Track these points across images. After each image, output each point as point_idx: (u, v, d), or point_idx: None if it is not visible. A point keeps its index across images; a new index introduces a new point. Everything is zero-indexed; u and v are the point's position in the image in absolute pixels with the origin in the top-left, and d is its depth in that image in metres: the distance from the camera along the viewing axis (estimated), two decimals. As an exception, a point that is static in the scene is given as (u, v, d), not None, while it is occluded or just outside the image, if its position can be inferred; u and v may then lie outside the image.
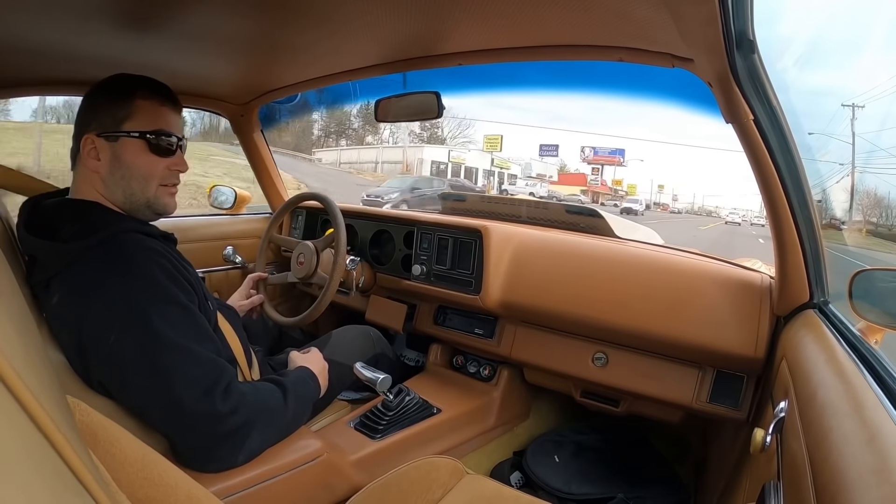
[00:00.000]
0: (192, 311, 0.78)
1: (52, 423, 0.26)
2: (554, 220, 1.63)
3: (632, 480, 1.25)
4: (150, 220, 0.86)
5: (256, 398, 0.82)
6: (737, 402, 1.06)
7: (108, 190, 0.82)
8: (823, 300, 0.89)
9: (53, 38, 0.92)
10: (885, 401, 0.50)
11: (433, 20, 0.87)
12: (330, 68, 1.21)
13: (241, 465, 0.79)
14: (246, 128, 1.63)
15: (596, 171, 38.53)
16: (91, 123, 0.80)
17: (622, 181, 42.06)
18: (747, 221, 34.85)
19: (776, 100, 0.73)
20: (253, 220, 1.80)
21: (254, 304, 1.30)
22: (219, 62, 1.17)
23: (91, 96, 0.82)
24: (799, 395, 0.64)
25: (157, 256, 0.77)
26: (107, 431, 0.53)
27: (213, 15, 0.85)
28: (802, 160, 0.80)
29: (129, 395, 0.74)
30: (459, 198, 1.92)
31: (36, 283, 0.76)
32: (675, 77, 0.83)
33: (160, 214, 0.86)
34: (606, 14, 0.75)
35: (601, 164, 39.58)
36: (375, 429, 1.09)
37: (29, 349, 0.33)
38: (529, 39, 0.93)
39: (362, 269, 1.50)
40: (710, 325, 1.04)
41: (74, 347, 0.73)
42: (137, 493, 0.52)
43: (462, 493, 0.87)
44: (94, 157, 0.80)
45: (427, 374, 1.47)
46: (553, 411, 1.56)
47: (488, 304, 1.29)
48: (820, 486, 0.45)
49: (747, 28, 0.62)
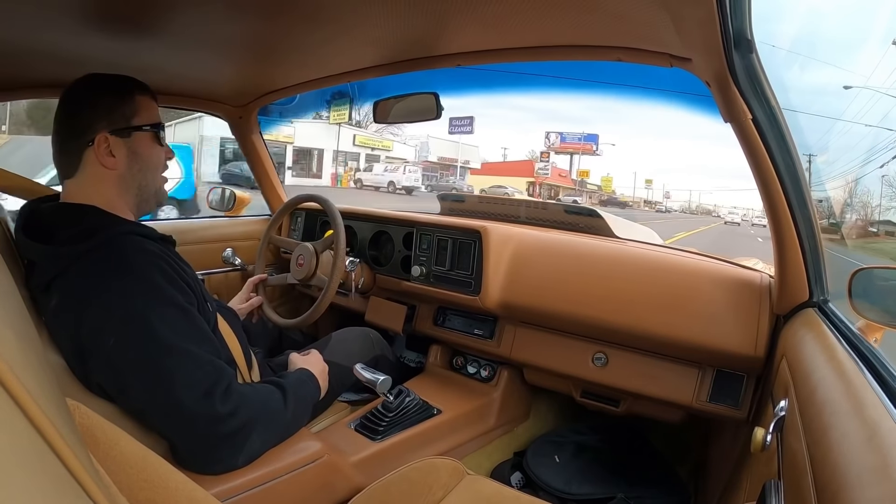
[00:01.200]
0: (191, 312, 0.78)
1: (52, 426, 0.26)
2: (553, 221, 1.64)
3: (632, 480, 1.25)
4: (152, 210, 0.89)
5: (256, 400, 0.82)
6: (737, 401, 1.06)
7: (123, 186, 0.83)
8: (823, 299, 0.89)
9: (51, 40, 0.92)
10: (884, 399, 0.50)
11: (432, 21, 0.87)
12: (329, 69, 1.21)
13: (241, 467, 0.79)
14: (245, 130, 1.63)
15: (546, 156, 32.06)
16: (100, 123, 0.80)
17: (588, 172, 36.07)
18: (748, 221, 33.08)
19: (774, 99, 0.74)
20: (252, 221, 1.80)
21: (253, 305, 1.30)
22: (217, 64, 1.17)
23: (88, 98, 0.82)
24: (799, 394, 0.64)
25: (155, 258, 0.77)
26: (107, 434, 0.53)
27: (211, 17, 0.85)
28: (801, 159, 0.81)
29: (128, 397, 0.74)
30: (458, 198, 1.93)
31: (35, 287, 0.76)
32: (674, 77, 0.83)
33: (160, 203, 0.90)
34: (605, 14, 0.75)
35: (570, 152, 33.90)
36: (376, 430, 1.09)
37: (28, 352, 0.33)
38: (528, 40, 0.93)
39: (361, 271, 1.49)
40: (709, 324, 1.04)
41: (74, 350, 0.73)
42: (138, 495, 0.52)
43: (463, 494, 0.87)
44: (108, 155, 0.80)
45: (427, 375, 1.47)
46: (553, 412, 1.56)
47: (488, 305, 1.29)
48: (820, 484, 0.45)
49: (745, 27, 0.62)
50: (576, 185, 34.67)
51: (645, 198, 47.24)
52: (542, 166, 32.05)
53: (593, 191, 38.66)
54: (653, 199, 47.76)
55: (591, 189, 38.49)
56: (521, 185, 28.86)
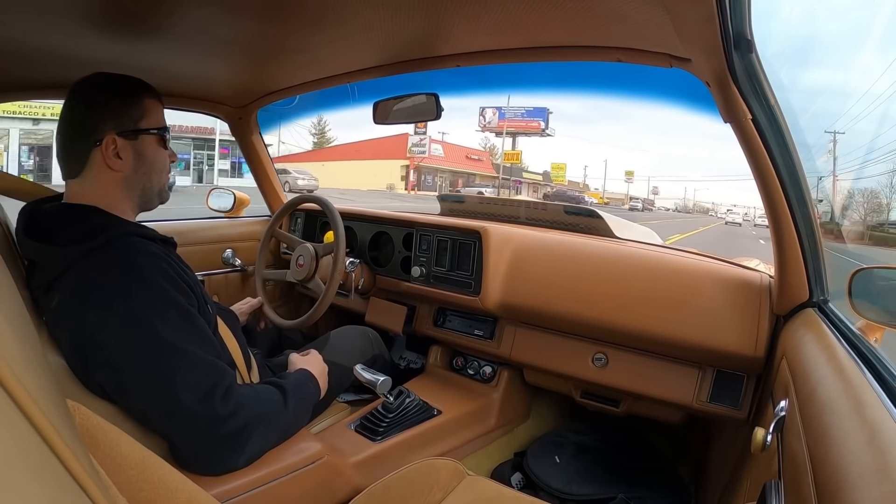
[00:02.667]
0: (191, 314, 0.78)
1: (52, 427, 0.26)
2: (553, 221, 1.64)
3: (632, 480, 1.25)
4: (153, 208, 0.89)
5: (256, 400, 0.82)
6: (737, 401, 1.06)
7: (128, 187, 0.83)
8: (823, 299, 0.89)
9: (51, 41, 0.92)
10: (885, 399, 0.50)
11: (432, 22, 0.87)
12: (329, 70, 1.21)
13: (241, 468, 0.79)
14: (244, 131, 1.63)
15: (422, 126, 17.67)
16: (107, 124, 0.80)
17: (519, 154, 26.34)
18: (750, 221, 30.15)
19: (774, 99, 0.74)
20: (252, 222, 1.80)
21: (253, 307, 1.30)
22: (217, 65, 1.17)
23: (97, 98, 0.82)
24: (799, 394, 0.64)
25: (156, 260, 0.77)
26: (107, 435, 0.53)
27: (211, 18, 0.85)
28: (801, 159, 0.81)
29: (129, 398, 0.74)
30: (458, 199, 1.93)
31: (36, 287, 0.76)
32: (674, 77, 0.83)
33: (163, 202, 0.91)
34: (604, 15, 0.75)
35: (514, 132, 25.12)
36: (376, 431, 1.08)
37: (28, 353, 0.33)
38: (528, 40, 0.93)
39: (361, 271, 1.49)
40: (709, 324, 1.04)
41: (74, 351, 0.73)
42: (138, 496, 0.52)
43: (463, 495, 0.87)
44: (115, 157, 0.81)
45: (427, 375, 1.47)
46: (553, 412, 1.56)
47: (488, 306, 1.29)
48: (821, 484, 0.45)
49: (745, 27, 0.62)
50: (498, 170, 25.36)
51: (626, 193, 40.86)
52: (416, 141, 19.71)
53: (536, 181, 28.81)
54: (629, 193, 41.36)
55: (532, 178, 28.51)
56: (386, 171, 18.24)
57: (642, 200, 39.43)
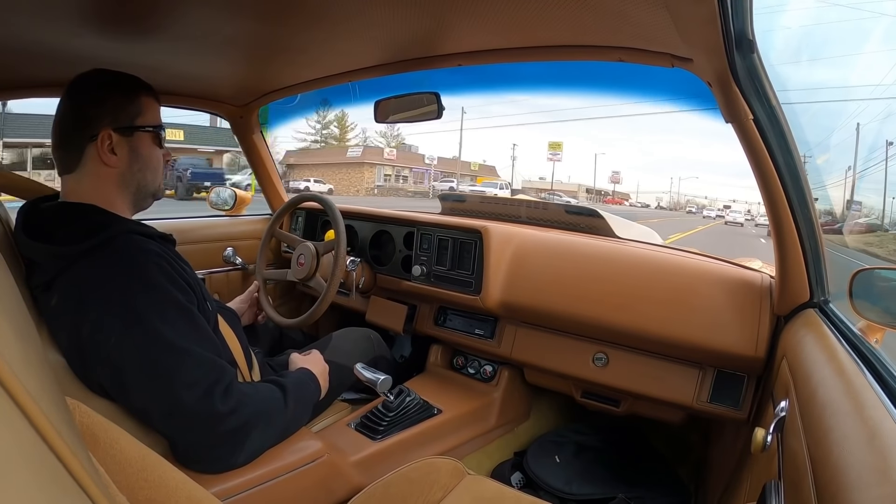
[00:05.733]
0: (191, 312, 0.78)
1: (51, 426, 0.26)
2: (553, 221, 1.64)
3: (632, 480, 1.25)
4: (148, 206, 0.90)
5: (257, 399, 0.82)
6: (737, 401, 1.06)
7: (123, 184, 0.83)
8: (824, 299, 0.89)
9: (52, 40, 0.92)
10: (885, 400, 0.50)
11: (433, 21, 0.87)
12: (330, 69, 1.21)
13: (241, 466, 0.79)
14: (245, 129, 1.63)
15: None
16: (104, 119, 0.80)
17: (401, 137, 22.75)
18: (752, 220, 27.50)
19: (776, 99, 0.73)
20: (253, 221, 1.80)
21: (251, 293, 1.31)
22: (218, 64, 1.17)
23: (94, 93, 0.82)
24: (799, 395, 0.64)
25: (155, 258, 0.77)
26: (107, 433, 0.53)
27: (212, 16, 0.85)
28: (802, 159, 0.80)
29: (129, 396, 0.74)
30: (459, 198, 1.93)
31: (35, 286, 0.76)
32: (675, 77, 0.83)
33: (157, 199, 0.91)
34: (606, 14, 0.75)
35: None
36: (376, 429, 1.09)
37: (28, 351, 0.33)
38: (529, 40, 0.93)
39: (362, 270, 1.49)
40: (710, 324, 1.04)
41: (74, 349, 0.73)
42: (137, 494, 0.52)
43: (463, 494, 0.87)
44: (110, 153, 0.81)
45: (427, 374, 1.47)
46: (553, 411, 1.56)
47: (488, 305, 1.29)
48: (821, 485, 0.45)
49: (747, 28, 0.62)
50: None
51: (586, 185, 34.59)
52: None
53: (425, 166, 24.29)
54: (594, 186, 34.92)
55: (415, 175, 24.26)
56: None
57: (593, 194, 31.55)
